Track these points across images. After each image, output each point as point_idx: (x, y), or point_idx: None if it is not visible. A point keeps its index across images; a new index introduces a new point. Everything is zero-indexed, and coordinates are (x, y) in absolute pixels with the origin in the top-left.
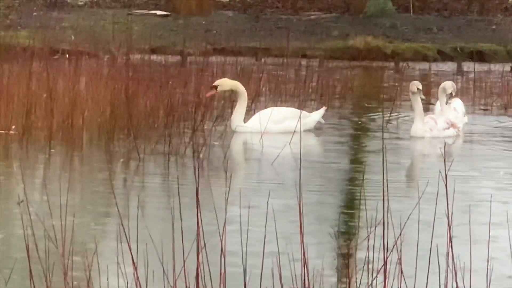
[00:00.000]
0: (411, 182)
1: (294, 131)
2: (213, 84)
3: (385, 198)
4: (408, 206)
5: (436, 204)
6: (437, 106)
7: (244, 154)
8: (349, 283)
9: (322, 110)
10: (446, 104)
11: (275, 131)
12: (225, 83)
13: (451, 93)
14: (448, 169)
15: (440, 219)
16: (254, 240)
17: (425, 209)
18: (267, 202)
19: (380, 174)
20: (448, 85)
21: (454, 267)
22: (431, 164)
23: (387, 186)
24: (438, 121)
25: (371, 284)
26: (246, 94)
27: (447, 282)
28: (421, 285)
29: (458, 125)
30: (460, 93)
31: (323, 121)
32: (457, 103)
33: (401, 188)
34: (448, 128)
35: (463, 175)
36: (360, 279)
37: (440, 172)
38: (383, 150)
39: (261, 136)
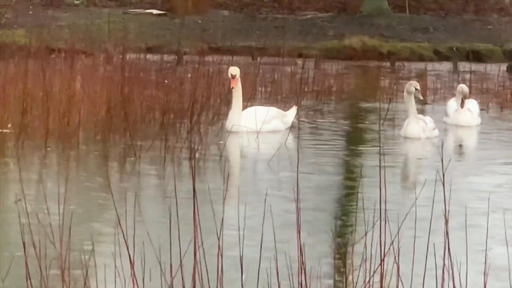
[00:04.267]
0: (409, 181)
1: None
2: (232, 74)
3: (382, 197)
4: (405, 205)
5: (433, 203)
6: (449, 106)
7: (240, 153)
8: (346, 281)
9: (294, 109)
10: (462, 107)
11: (265, 130)
12: (237, 70)
13: (464, 96)
14: (446, 169)
15: (437, 218)
16: (251, 239)
17: (423, 209)
18: (264, 200)
19: (376, 174)
20: (459, 90)
21: (451, 266)
22: (428, 163)
23: (385, 186)
24: (427, 121)
25: (368, 282)
26: (241, 89)
27: (443, 281)
28: (418, 284)
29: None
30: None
31: (295, 120)
32: (472, 103)
33: (399, 188)
34: (435, 128)
35: (461, 174)
36: (357, 278)
37: (437, 171)
38: (380, 150)
39: (257, 136)
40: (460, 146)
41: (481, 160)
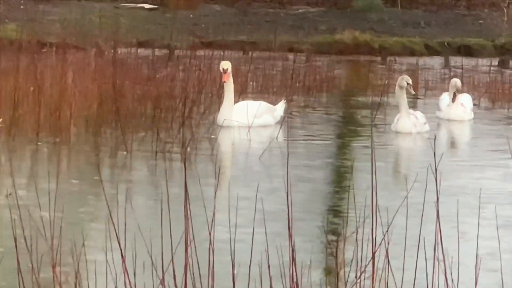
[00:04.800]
0: (400, 176)
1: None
2: (224, 68)
3: (374, 192)
4: (397, 200)
5: (424, 197)
6: (442, 100)
7: (232, 148)
8: (338, 276)
9: (282, 103)
10: (453, 101)
11: (256, 124)
12: (228, 64)
13: (456, 90)
14: (438, 163)
15: (429, 212)
16: (242, 233)
17: (415, 203)
18: (256, 195)
19: (367, 169)
20: (452, 84)
21: (443, 260)
22: (419, 158)
23: (376, 181)
24: (418, 116)
25: (360, 277)
26: (232, 84)
27: (434, 275)
28: (409, 278)
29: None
30: (447, 88)
31: (283, 114)
32: (465, 98)
33: (390, 182)
34: (425, 123)
35: (453, 169)
36: (349, 273)
37: (430, 165)
38: (371, 145)
39: (249, 130)
40: (452, 140)
41: (472, 154)
